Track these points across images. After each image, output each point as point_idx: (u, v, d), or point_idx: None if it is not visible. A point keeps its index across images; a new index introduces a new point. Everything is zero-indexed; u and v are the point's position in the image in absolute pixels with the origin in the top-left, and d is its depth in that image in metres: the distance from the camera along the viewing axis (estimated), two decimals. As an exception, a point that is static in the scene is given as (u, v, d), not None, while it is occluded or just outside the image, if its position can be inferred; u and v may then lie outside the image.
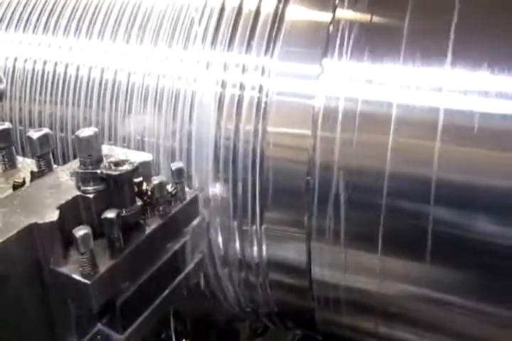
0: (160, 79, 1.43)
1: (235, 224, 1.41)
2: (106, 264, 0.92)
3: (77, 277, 0.89)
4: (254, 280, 1.49)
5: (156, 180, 1.04)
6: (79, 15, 1.58)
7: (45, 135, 1.04)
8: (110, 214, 0.93)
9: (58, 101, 1.56)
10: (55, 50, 1.59)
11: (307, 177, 1.28)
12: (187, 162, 1.40)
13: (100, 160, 0.99)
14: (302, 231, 1.33)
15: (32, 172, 1.06)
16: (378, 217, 1.22)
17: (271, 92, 1.32)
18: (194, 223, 1.15)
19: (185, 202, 1.10)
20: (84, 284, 0.88)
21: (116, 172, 0.96)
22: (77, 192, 0.97)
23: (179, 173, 1.08)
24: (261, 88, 1.33)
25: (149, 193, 1.05)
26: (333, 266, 1.34)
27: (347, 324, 1.50)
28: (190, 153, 1.41)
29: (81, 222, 0.96)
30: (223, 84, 1.37)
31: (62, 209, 0.92)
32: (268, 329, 2.06)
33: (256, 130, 1.33)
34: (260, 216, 1.37)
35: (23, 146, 1.59)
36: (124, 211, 0.98)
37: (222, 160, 1.37)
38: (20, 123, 1.63)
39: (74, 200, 0.96)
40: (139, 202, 1.02)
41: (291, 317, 1.63)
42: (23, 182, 1.05)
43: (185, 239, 1.13)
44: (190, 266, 1.16)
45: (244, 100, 1.34)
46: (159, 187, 1.03)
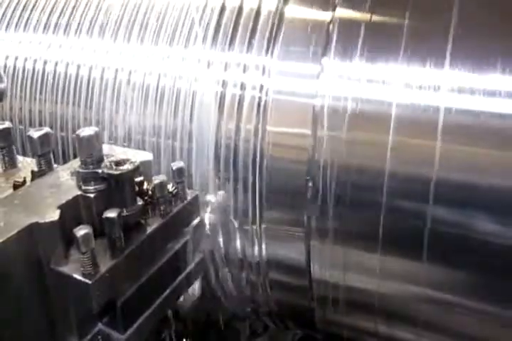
0: (161, 78, 1.43)
1: (236, 223, 1.41)
2: (107, 264, 0.92)
3: (77, 277, 0.89)
4: (255, 279, 1.49)
5: (156, 179, 1.04)
6: (79, 14, 1.58)
7: (46, 134, 1.04)
8: (111, 213, 0.93)
9: (59, 101, 1.56)
10: (56, 49, 1.59)
11: (307, 177, 1.28)
12: (188, 161, 1.40)
13: (101, 159, 0.99)
14: (302, 231, 1.33)
15: (32, 172, 1.06)
16: (378, 216, 1.22)
17: (271, 92, 1.32)
18: (195, 223, 1.15)
19: (186, 201, 1.10)
20: (85, 284, 0.88)
21: (117, 172, 0.96)
22: (78, 192, 0.97)
23: (180, 173, 1.08)
24: (261, 87, 1.33)
25: (150, 193, 1.05)
26: (333, 265, 1.34)
27: (347, 323, 1.50)
28: (190, 152, 1.41)
29: (82, 222, 0.96)
30: (224, 84, 1.37)
31: (62, 209, 0.92)
32: (268, 328, 2.06)
33: (256, 129, 1.33)
34: (260, 215, 1.37)
35: (23, 146, 1.59)
36: (124, 210, 0.98)
37: (223, 159, 1.37)
38: (21, 123, 1.63)
39: (74, 200, 0.96)
40: (139, 201, 1.02)
41: (291, 317, 1.63)
42: (24, 181, 1.05)
43: (186, 238, 1.13)
44: (191, 265, 1.16)
45: (244, 99, 1.34)
46: (160, 187, 1.03)
